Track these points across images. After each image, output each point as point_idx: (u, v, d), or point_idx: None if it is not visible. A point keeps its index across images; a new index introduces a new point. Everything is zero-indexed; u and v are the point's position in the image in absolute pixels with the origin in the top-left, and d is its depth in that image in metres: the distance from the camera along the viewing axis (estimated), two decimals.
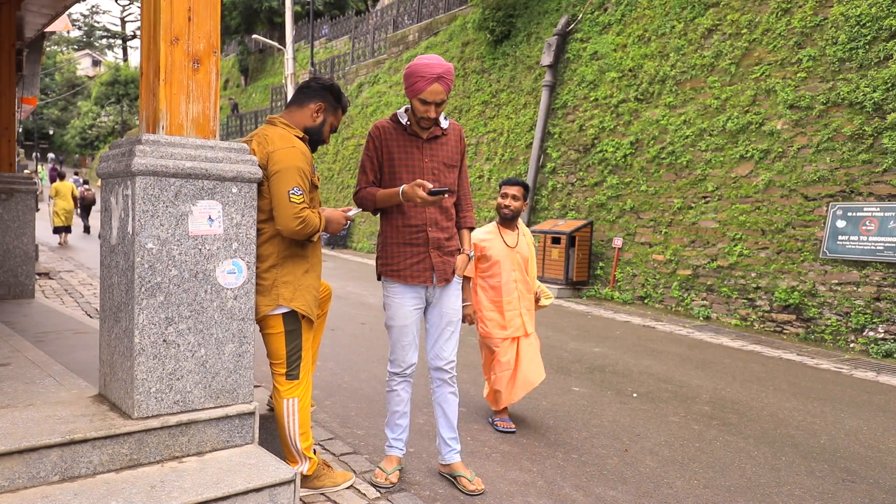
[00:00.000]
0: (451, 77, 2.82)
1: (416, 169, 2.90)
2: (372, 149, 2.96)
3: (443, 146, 2.97)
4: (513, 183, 3.87)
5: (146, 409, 2.28)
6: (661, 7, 9.82)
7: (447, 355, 3.03)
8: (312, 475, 2.77)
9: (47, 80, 49.09)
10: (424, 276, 2.93)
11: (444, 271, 2.96)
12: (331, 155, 18.61)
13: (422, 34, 16.77)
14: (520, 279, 3.93)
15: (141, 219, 2.23)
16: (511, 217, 3.89)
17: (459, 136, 3.06)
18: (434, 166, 2.93)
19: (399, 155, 2.91)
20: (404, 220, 2.92)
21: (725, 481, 3.30)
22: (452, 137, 3.01)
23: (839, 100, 7.34)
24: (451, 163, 2.99)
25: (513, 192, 3.85)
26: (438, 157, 2.95)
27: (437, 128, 2.95)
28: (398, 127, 2.94)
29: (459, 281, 3.11)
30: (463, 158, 3.07)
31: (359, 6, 28.27)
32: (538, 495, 3.02)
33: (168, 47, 2.33)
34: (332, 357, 5.40)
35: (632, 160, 9.68)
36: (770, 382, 5.29)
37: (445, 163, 2.97)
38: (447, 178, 2.97)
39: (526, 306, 3.96)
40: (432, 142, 2.95)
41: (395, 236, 2.95)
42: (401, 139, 2.92)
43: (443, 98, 2.79)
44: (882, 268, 6.80)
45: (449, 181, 2.97)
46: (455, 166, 3.01)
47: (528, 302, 3.97)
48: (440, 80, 2.75)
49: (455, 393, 3.09)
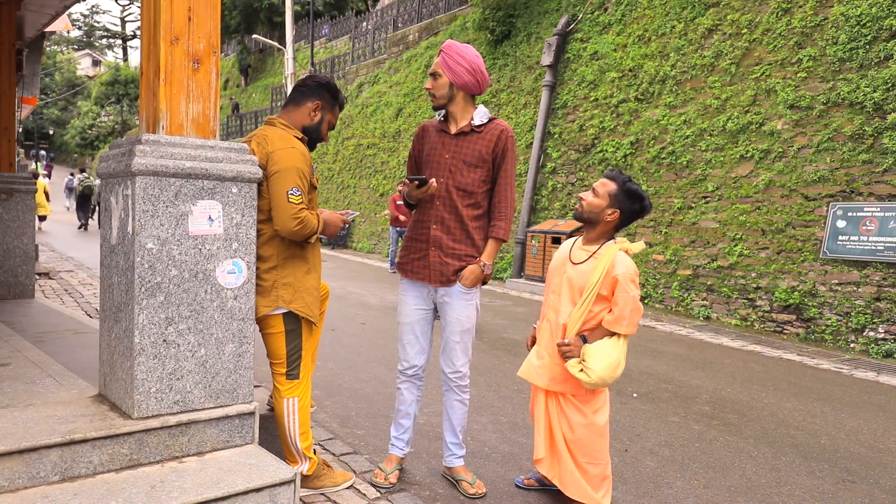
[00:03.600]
0: (451, 54, 2.81)
1: (436, 164, 2.89)
2: (412, 147, 3.07)
3: (470, 144, 2.84)
4: (608, 176, 2.81)
5: (146, 409, 2.28)
6: (661, 7, 9.82)
7: (452, 364, 2.96)
8: (312, 475, 2.77)
9: (47, 80, 49.09)
10: (423, 273, 2.92)
11: (442, 272, 2.87)
12: (331, 155, 18.61)
13: (422, 34, 16.76)
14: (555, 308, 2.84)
15: (141, 219, 2.23)
16: (580, 217, 2.82)
17: (497, 137, 2.83)
18: (453, 163, 2.85)
19: (427, 150, 2.95)
20: (418, 216, 2.97)
21: (725, 481, 3.30)
22: (487, 136, 2.84)
23: (839, 100, 7.33)
24: (475, 162, 2.83)
25: (597, 185, 2.80)
26: (461, 154, 2.85)
27: (468, 124, 2.87)
28: (437, 124, 2.98)
29: (468, 291, 2.88)
30: (501, 161, 2.85)
31: (359, 6, 28.26)
32: (538, 495, 3.02)
33: (168, 47, 2.33)
34: (332, 357, 5.40)
35: (632, 160, 9.68)
36: (770, 382, 5.29)
37: (466, 161, 2.83)
38: (464, 177, 2.83)
39: (548, 350, 2.83)
40: (459, 138, 2.87)
41: (409, 232, 3.01)
42: (434, 135, 2.96)
43: (436, 70, 2.84)
44: (882, 268, 6.80)
45: (467, 181, 2.83)
46: (479, 167, 2.83)
47: (551, 345, 2.81)
48: (440, 54, 2.85)
49: (462, 402, 3.01)
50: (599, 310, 2.71)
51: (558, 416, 2.81)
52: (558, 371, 2.77)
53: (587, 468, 2.76)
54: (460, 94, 2.86)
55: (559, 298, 2.82)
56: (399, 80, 16.63)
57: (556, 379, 2.78)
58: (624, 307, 2.62)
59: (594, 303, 2.69)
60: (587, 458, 2.76)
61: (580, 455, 2.76)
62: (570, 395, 2.78)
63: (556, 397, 2.82)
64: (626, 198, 2.73)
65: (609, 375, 2.62)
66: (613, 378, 2.64)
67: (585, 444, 2.75)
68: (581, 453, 2.76)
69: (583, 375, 2.63)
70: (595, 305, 2.70)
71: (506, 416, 4.11)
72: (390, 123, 16.10)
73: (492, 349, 5.94)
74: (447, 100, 2.86)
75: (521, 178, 11.73)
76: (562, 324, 2.77)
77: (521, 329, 7.01)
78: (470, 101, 2.90)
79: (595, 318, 2.71)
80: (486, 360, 5.48)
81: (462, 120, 2.89)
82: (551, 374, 2.79)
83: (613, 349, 2.64)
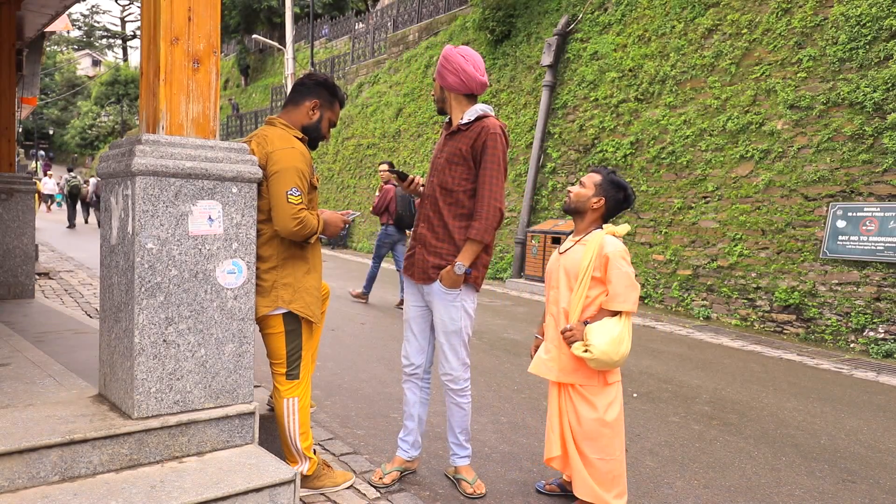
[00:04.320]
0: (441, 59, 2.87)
1: (432, 165, 3.00)
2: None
3: (456, 142, 2.87)
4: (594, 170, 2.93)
5: (146, 410, 2.28)
6: (661, 7, 9.82)
7: (442, 367, 2.96)
8: (312, 475, 2.77)
9: (47, 80, 49.09)
10: (412, 269, 2.99)
11: (423, 269, 2.89)
12: (331, 155, 18.61)
13: (422, 34, 16.76)
14: (555, 301, 2.86)
15: (141, 219, 2.23)
16: (569, 208, 2.90)
17: (477, 135, 2.80)
18: (440, 162, 2.92)
19: (434, 151, 3.06)
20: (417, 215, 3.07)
21: (725, 481, 3.30)
22: (470, 134, 2.83)
23: (839, 100, 7.33)
24: (455, 160, 2.84)
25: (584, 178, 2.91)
26: (447, 153, 2.90)
27: (460, 123, 2.89)
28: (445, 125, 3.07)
29: (448, 292, 2.85)
30: (480, 158, 2.80)
31: (359, 6, 28.26)
32: (539, 496, 3.02)
33: (168, 47, 2.33)
34: (332, 357, 5.40)
35: (632, 160, 9.68)
36: (770, 382, 5.29)
37: (450, 159, 2.85)
38: (446, 176, 2.85)
39: (554, 342, 2.83)
40: (452, 137, 2.92)
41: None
42: (441, 136, 3.06)
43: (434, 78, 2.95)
44: (882, 268, 6.80)
45: (447, 179, 2.85)
46: (459, 164, 2.82)
47: (557, 337, 2.81)
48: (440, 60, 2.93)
49: (459, 405, 2.99)
50: (596, 294, 2.73)
51: (568, 410, 2.80)
52: (567, 360, 2.76)
53: (597, 464, 2.71)
54: (451, 96, 2.92)
55: (558, 291, 2.84)
56: (399, 81, 16.63)
57: (566, 369, 2.76)
58: (618, 283, 2.64)
59: (590, 287, 2.72)
60: (597, 453, 2.71)
61: (589, 449, 2.72)
62: (581, 386, 2.75)
63: (568, 390, 2.80)
64: (610, 187, 2.83)
65: (613, 351, 2.60)
66: (619, 355, 2.62)
67: (595, 437, 2.71)
68: (590, 447, 2.72)
69: (587, 354, 2.63)
70: (591, 290, 2.73)
71: (506, 416, 4.11)
72: (390, 123, 16.10)
73: (492, 349, 5.94)
74: (443, 102, 2.98)
75: (521, 178, 11.73)
76: (563, 309, 2.79)
77: (521, 329, 7.00)
78: (464, 101, 2.91)
79: (594, 302, 2.73)
80: (486, 360, 5.48)
81: (456, 120, 2.94)
82: (560, 364, 2.78)
83: (615, 325, 2.65)
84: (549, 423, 2.91)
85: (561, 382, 2.82)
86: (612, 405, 2.76)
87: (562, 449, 2.84)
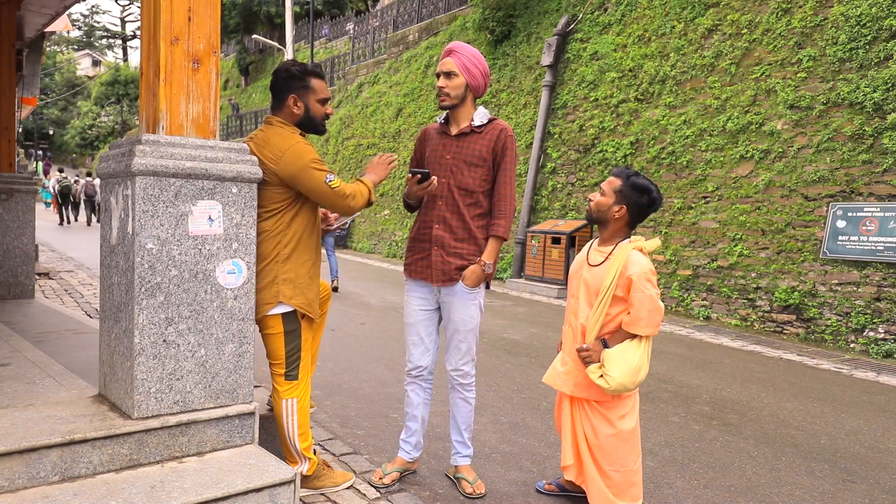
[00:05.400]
0: (467, 56, 2.85)
1: (437, 165, 2.93)
2: (414, 150, 3.12)
3: (471, 144, 2.89)
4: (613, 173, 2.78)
5: (146, 410, 2.28)
6: (661, 7, 9.82)
7: (454, 363, 2.99)
8: (312, 475, 2.78)
9: (47, 80, 49.08)
10: (425, 272, 2.94)
11: (444, 271, 2.89)
12: (331, 155, 18.61)
13: (422, 34, 16.76)
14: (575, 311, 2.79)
15: (141, 219, 2.23)
16: (591, 219, 2.81)
17: (497, 136, 2.88)
18: (454, 163, 2.89)
19: (430, 153, 2.99)
20: (421, 216, 3.01)
21: (725, 481, 3.30)
22: (487, 136, 2.88)
23: (839, 100, 7.34)
24: (475, 161, 2.87)
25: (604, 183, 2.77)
26: (462, 154, 2.89)
27: (469, 125, 2.91)
28: (439, 127, 3.02)
29: (471, 291, 2.89)
30: (500, 159, 2.88)
31: (359, 6, 28.26)
32: (539, 497, 3.02)
33: (168, 47, 2.33)
34: (332, 357, 5.40)
35: (632, 160, 9.68)
36: (770, 382, 5.29)
37: (467, 160, 2.87)
38: (465, 177, 2.86)
39: (571, 356, 2.77)
40: (460, 139, 2.92)
41: (413, 232, 3.04)
42: (435, 138, 3.01)
43: (451, 69, 2.84)
44: (882, 268, 6.80)
45: (468, 180, 2.87)
46: (479, 166, 2.87)
47: (574, 351, 2.75)
48: (451, 54, 2.88)
49: (466, 400, 3.02)
50: (617, 312, 2.64)
51: (583, 422, 2.75)
52: (581, 377, 2.70)
53: (611, 475, 2.69)
54: (470, 96, 2.92)
55: (578, 302, 2.77)
56: (399, 81, 16.63)
57: (581, 385, 2.71)
58: (640, 307, 2.55)
59: (611, 305, 2.63)
60: (612, 465, 2.69)
61: (604, 461, 2.70)
62: (595, 401, 2.70)
63: (582, 404, 2.75)
64: (631, 192, 2.68)
65: (630, 381, 2.55)
66: (636, 383, 2.57)
67: (610, 451, 2.68)
68: (605, 459, 2.69)
69: (602, 382, 2.57)
70: (612, 308, 2.64)
71: (506, 416, 4.11)
72: (390, 123, 16.10)
73: (492, 349, 5.94)
74: (459, 100, 2.89)
75: (521, 178, 11.73)
76: (581, 324, 2.73)
77: (521, 329, 7.01)
78: (473, 103, 2.97)
79: (613, 320, 2.65)
80: (486, 360, 5.48)
81: (463, 121, 2.93)
82: (575, 379, 2.73)
83: (634, 353, 2.57)
84: (562, 432, 2.87)
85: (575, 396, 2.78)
86: (628, 415, 2.72)
87: (575, 458, 2.81)
